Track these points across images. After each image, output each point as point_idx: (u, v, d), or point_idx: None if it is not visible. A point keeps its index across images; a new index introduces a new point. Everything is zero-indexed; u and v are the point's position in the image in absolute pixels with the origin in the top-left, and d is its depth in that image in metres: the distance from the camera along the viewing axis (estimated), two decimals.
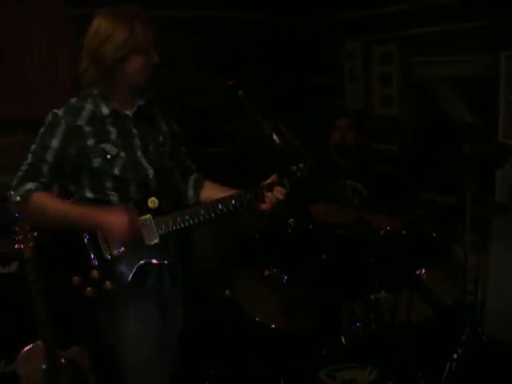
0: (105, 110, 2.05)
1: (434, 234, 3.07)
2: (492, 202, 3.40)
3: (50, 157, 2.00)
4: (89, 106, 2.04)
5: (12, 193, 2.01)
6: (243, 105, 2.01)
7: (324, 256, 2.97)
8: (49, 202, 2.00)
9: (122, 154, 2.04)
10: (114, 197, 2.05)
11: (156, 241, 2.02)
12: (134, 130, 2.10)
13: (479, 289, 3.05)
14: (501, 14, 3.43)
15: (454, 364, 2.81)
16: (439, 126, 3.96)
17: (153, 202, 2.05)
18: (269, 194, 2.10)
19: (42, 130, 2.04)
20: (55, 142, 2.00)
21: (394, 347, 2.78)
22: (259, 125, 1.98)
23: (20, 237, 2.57)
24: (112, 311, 2.09)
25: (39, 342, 2.63)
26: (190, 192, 2.31)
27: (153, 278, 2.13)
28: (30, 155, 2.03)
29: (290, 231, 3.10)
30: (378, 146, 4.44)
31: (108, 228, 1.97)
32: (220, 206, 2.08)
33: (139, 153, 2.10)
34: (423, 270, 2.92)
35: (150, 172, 2.10)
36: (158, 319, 2.17)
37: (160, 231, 2.02)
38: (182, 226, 2.05)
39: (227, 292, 3.09)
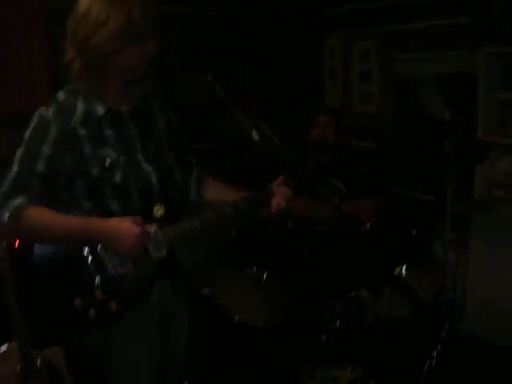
0: (99, 110, 1.78)
1: (414, 231, 3.08)
2: (471, 198, 3.42)
3: (40, 167, 1.72)
4: (81, 105, 1.76)
5: None
6: (221, 101, 1.92)
7: (304, 253, 2.96)
8: (45, 217, 1.72)
9: (122, 159, 1.80)
10: (114, 206, 1.81)
11: (163, 253, 1.82)
12: (133, 130, 1.87)
13: (458, 286, 3.06)
14: (480, 10, 3.44)
15: (434, 361, 2.82)
16: (419, 123, 3.97)
17: (159, 210, 1.83)
18: (276, 197, 1.98)
19: (28, 132, 1.75)
20: (46, 150, 1.72)
21: (374, 345, 2.78)
22: (238, 122, 1.93)
23: None
24: (110, 331, 1.85)
25: (13, 343, 2.57)
26: (193, 192, 2.14)
27: (156, 294, 1.92)
28: (16, 162, 1.73)
29: (269, 228, 3.08)
30: (357, 144, 4.45)
31: (117, 241, 1.72)
32: (229, 211, 1.93)
33: (140, 155, 1.87)
34: (404, 267, 2.92)
35: (153, 177, 1.88)
36: (160, 339, 1.99)
37: (168, 241, 1.83)
38: (192, 235, 1.86)
39: (206, 290, 3.06)
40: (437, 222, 3.38)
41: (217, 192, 2.13)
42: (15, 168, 1.72)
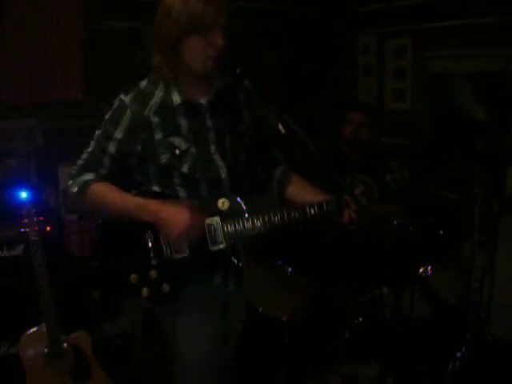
0: (176, 99, 1.82)
1: (441, 232, 3.04)
2: (502, 199, 3.36)
3: (112, 148, 1.84)
4: (159, 93, 1.82)
5: (70, 182, 1.89)
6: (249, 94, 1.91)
7: (329, 250, 2.95)
8: (107, 194, 1.84)
9: (193, 150, 1.82)
10: (182, 193, 1.86)
11: (222, 246, 1.83)
12: (209, 122, 1.86)
13: (485, 288, 3.02)
14: None
15: (458, 363, 2.78)
16: (452, 121, 3.91)
17: (223, 203, 1.84)
18: (350, 208, 1.89)
19: (107, 116, 1.86)
20: (119, 133, 1.82)
21: (396, 343, 2.76)
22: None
23: (25, 220, 2.58)
24: (170, 311, 1.92)
25: (42, 326, 2.64)
26: (274, 186, 2.10)
27: (218, 280, 1.94)
28: (92, 143, 1.88)
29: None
30: (390, 141, 4.41)
31: (166, 223, 1.75)
32: (297, 216, 1.87)
33: (213, 148, 1.87)
34: (429, 267, 2.89)
35: (223, 171, 1.87)
36: (221, 321, 1.99)
37: (227, 236, 1.83)
38: (253, 232, 1.85)
39: None
40: (466, 223, 3.34)
41: (297, 191, 2.07)
42: (90, 148, 1.88)
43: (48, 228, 2.79)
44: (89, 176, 1.86)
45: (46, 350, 2.62)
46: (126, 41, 3.90)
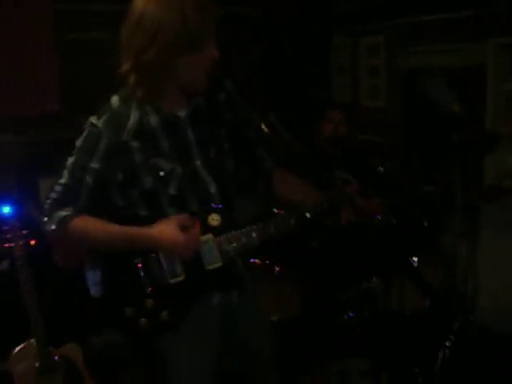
0: (154, 120, 1.68)
1: (425, 223, 3.08)
2: (481, 189, 3.43)
3: (89, 179, 1.67)
4: (134, 114, 1.67)
5: (45, 219, 1.68)
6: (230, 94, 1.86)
7: (314, 245, 2.97)
8: (89, 229, 1.68)
9: (178, 169, 1.70)
10: (171, 212, 1.72)
11: (218, 265, 1.72)
12: (191, 136, 1.74)
13: (469, 277, 3.07)
14: (486, 2, 3.45)
15: (447, 352, 2.82)
16: (427, 116, 3.97)
17: (214, 220, 1.73)
18: (346, 209, 1.86)
19: (79, 142, 1.69)
20: (95, 163, 1.66)
21: (387, 337, 2.79)
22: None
23: (9, 235, 2.56)
24: (169, 340, 1.76)
25: (32, 341, 2.62)
26: (263, 185, 1.99)
27: (217, 299, 1.81)
28: (65, 173, 1.69)
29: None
30: (367, 138, 4.46)
31: (160, 250, 1.68)
32: (292, 222, 1.80)
33: (198, 163, 1.75)
34: (415, 259, 2.93)
35: (212, 185, 1.76)
36: (222, 344, 1.86)
37: (223, 253, 1.73)
38: (248, 246, 1.75)
39: None
40: (445, 215, 3.39)
41: (288, 189, 1.98)
42: (64, 180, 1.69)
43: (32, 242, 2.77)
44: (66, 211, 1.67)
45: (37, 364, 2.60)
46: (102, 51, 3.89)
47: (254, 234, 1.76)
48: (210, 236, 1.72)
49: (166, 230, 1.65)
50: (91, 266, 1.75)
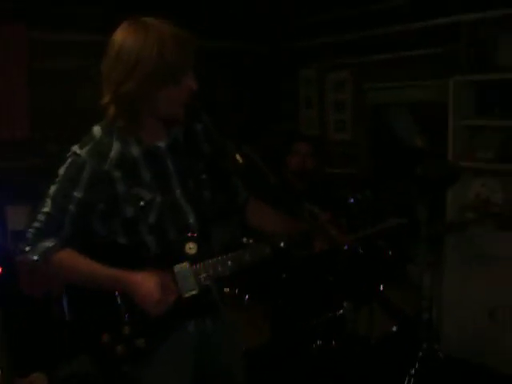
0: (135, 150, 1.71)
1: (390, 253, 3.15)
2: (444, 221, 3.53)
3: (72, 208, 1.67)
4: (116, 145, 1.69)
5: (27, 249, 1.66)
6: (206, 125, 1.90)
7: (284, 275, 3.00)
8: (73, 264, 1.69)
9: (158, 199, 1.72)
10: (150, 241, 1.74)
11: (195, 292, 1.73)
12: (171, 167, 1.77)
13: (434, 306, 3.14)
14: (449, 42, 3.62)
15: (412, 380, 2.87)
16: (392, 149, 4.09)
17: (191, 249, 1.76)
18: (319, 239, 1.90)
19: (62, 170, 1.69)
20: (79, 192, 1.67)
21: (354, 362, 2.82)
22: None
23: None
24: (144, 367, 1.75)
25: None
26: (237, 215, 2.03)
27: (193, 326, 1.82)
28: (48, 202, 1.68)
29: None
30: (334, 170, 4.56)
31: (138, 299, 1.66)
32: (267, 251, 1.82)
33: (178, 192, 1.78)
34: (381, 286, 2.99)
35: (191, 216, 1.80)
36: (196, 371, 1.86)
37: (199, 281, 1.74)
38: (224, 274, 1.76)
39: None
40: (411, 245, 3.47)
41: (263, 220, 2.00)
42: (47, 208, 1.68)
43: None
44: (50, 242, 1.66)
45: None
46: (71, 79, 3.92)
47: (229, 263, 1.77)
48: (185, 264, 1.73)
49: (149, 281, 1.66)
50: (68, 293, 1.75)
